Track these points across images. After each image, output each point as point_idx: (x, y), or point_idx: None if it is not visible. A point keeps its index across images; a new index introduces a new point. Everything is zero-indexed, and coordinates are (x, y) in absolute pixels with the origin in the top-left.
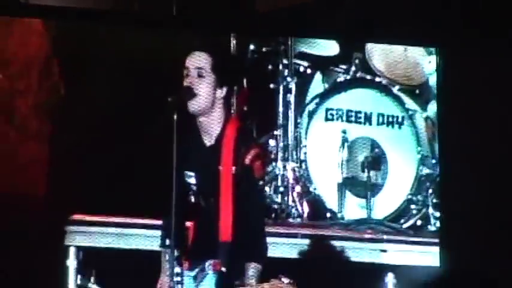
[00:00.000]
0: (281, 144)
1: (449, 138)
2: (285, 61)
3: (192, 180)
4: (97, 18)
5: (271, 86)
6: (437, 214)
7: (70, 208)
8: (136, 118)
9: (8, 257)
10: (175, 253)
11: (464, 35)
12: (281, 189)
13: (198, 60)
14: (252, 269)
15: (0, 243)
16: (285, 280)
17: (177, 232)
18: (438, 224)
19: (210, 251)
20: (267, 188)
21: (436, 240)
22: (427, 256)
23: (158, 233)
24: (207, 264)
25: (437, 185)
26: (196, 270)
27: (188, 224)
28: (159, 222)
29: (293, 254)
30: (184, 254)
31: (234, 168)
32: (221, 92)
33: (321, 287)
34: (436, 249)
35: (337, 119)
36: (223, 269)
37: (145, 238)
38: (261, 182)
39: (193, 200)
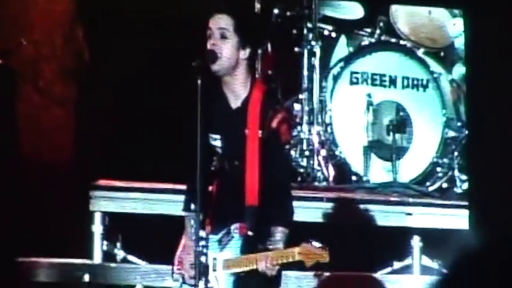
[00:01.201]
0: (306, 108)
1: (476, 100)
2: (309, 25)
3: (218, 143)
4: None
5: (296, 49)
6: (463, 177)
7: (95, 173)
8: (161, 81)
9: (34, 223)
10: (200, 217)
11: None
12: (307, 153)
13: (221, 22)
14: (279, 233)
15: (26, 208)
16: (317, 244)
17: (202, 196)
18: (464, 186)
19: (236, 215)
20: (292, 152)
21: (462, 203)
22: (453, 219)
23: (181, 198)
24: (232, 227)
25: (464, 147)
26: (221, 233)
27: (211, 187)
28: (182, 187)
29: (319, 217)
30: (208, 218)
31: (260, 131)
32: (244, 54)
33: (348, 251)
34: (462, 212)
35: (362, 82)
36: (249, 232)
37: (170, 203)
38: (287, 146)
39: (217, 163)
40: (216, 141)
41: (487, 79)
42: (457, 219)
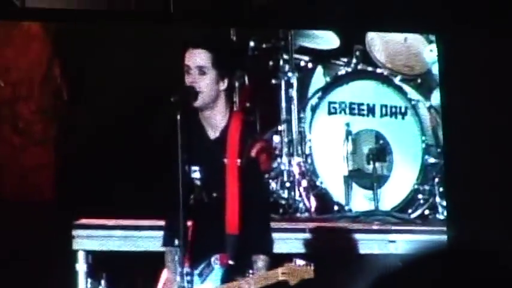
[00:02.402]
0: (285, 140)
1: (453, 127)
2: (285, 56)
3: (196, 175)
4: (93, 18)
5: (273, 81)
6: (445, 203)
7: (77, 212)
8: (140, 118)
9: (16, 265)
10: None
11: (463, 21)
12: (287, 184)
13: (199, 58)
14: (262, 261)
15: (7, 250)
16: (300, 262)
17: (184, 230)
18: (446, 213)
19: (216, 245)
20: (273, 184)
21: (445, 229)
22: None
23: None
24: (213, 258)
25: (443, 173)
26: (201, 266)
27: (189, 222)
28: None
29: (302, 249)
30: (187, 252)
31: (239, 160)
32: (223, 85)
33: (332, 280)
34: (445, 238)
35: (340, 112)
36: (230, 262)
37: (154, 239)
38: (266, 175)
39: (195, 196)
40: (195, 173)
41: (462, 104)
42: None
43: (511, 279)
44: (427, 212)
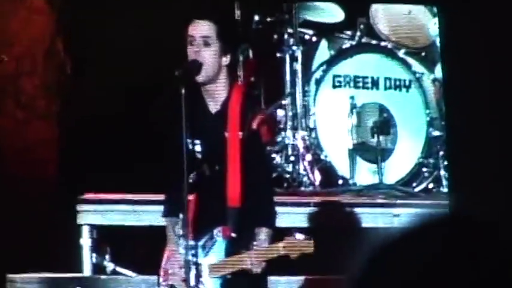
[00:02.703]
0: (290, 113)
1: (455, 99)
2: (290, 30)
3: (198, 148)
4: None
5: (278, 55)
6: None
7: (81, 187)
8: (143, 92)
9: (22, 240)
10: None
11: None
12: (292, 158)
13: (204, 29)
14: (264, 234)
15: (12, 225)
16: (301, 236)
17: (186, 202)
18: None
19: (218, 218)
20: (277, 158)
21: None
22: None
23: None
24: (215, 231)
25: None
26: (204, 239)
27: (190, 195)
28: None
29: (305, 222)
30: (190, 225)
31: (240, 133)
32: (226, 60)
33: (337, 255)
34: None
35: (345, 85)
36: (233, 234)
37: (157, 213)
38: (268, 147)
39: (197, 169)
40: (196, 146)
41: (463, 76)
42: None
43: (509, 248)
44: (431, 185)
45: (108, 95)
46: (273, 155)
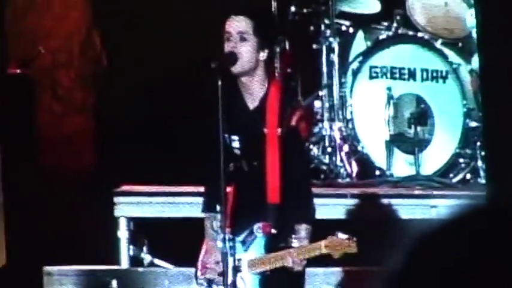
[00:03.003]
0: (326, 105)
1: (492, 89)
2: (326, 21)
3: (236, 144)
4: None
5: (314, 46)
6: None
7: (118, 179)
8: (180, 84)
9: (60, 232)
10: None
11: None
12: (329, 149)
13: (241, 25)
14: (304, 230)
15: (49, 217)
16: (343, 236)
17: (224, 196)
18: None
19: (257, 214)
20: (314, 149)
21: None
22: None
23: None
24: (255, 227)
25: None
26: (244, 234)
27: (228, 189)
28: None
29: (343, 214)
30: (228, 219)
31: (279, 129)
32: (263, 55)
33: (375, 247)
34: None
35: (382, 76)
36: (273, 230)
37: (195, 205)
38: (306, 143)
39: (235, 164)
40: (234, 142)
41: (500, 66)
42: None
43: None
44: (468, 176)
45: (144, 88)
46: (310, 147)
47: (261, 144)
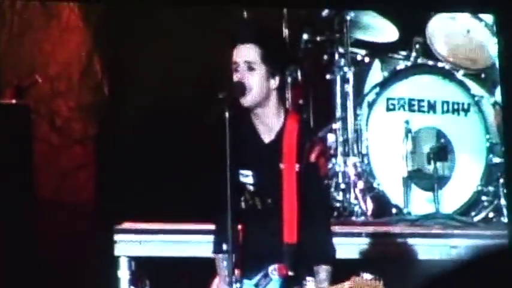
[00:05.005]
0: (341, 138)
1: None
2: (341, 50)
3: (249, 180)
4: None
5: (328, 76)
6: None
7: (119, 216)
8: (186, 117)
9: (55, 270)
10: (233, 259)
11: None
12: (342, 186)
13: (248, 53)
14: (324, 272)
15: (45, 254)
16: (368, 276)
17: (233, 236)
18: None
19: (273, 255)
20: None
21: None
22: None
23: (212, 238)
24: (270, 269)
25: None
26: (258, 276)
27: (240, 227)
28: (213, 226)
29: (358, 254)
30: (238, 260)
31: (297, 165)
32: (274, 83)
33: (389, 282)
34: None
35: (399, 108)
36: (290, 273)
37: (201, 244)
38: (325, 180)
39: (247, 201)
40: (247, 177)
41: None
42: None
43: None
44: (491, 214)
45: (148, 118)
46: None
47: (276, 181)
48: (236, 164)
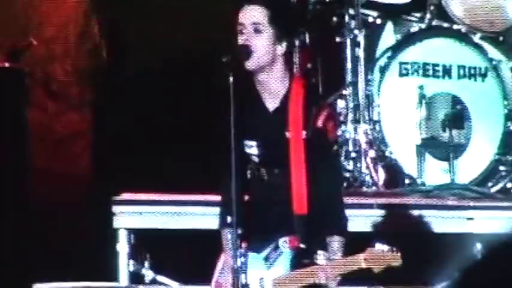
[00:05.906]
0: (351, 105)
1: None
2: (351, 11)
3: (253, 151)
4: None
5: (337, 39)
6: None
7: (117, 186)
8: (188, 81)
9: (51, 244)
10: (238, 231)
11: None
12: (353, 154)
13: (255, 15)
14: (337, 243)
15: (41, 227)
16: (384, 247)
17: (239, 209)
18: None
19: (282, 227)
20: None
21: None
22: None
23: (216, 210)
24: (280, 241)
25: None
26: (268, 249)
27: (246, 198)
28: (217, 198)
29: (369, 226)
30: (249, 233)
31: (304, 132)
32: (281, 48)
33: (404, 263)
34: None
35: (413, 73)
36: (301, 245)
37: (203, 216)
38: (335, 146)
39: (253, 172)
40: (252, 148)
41: None
42: None
43: None
44: (509, 185)
45: (148, 83)
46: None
47: (283, 150)
48: (240, 134)
